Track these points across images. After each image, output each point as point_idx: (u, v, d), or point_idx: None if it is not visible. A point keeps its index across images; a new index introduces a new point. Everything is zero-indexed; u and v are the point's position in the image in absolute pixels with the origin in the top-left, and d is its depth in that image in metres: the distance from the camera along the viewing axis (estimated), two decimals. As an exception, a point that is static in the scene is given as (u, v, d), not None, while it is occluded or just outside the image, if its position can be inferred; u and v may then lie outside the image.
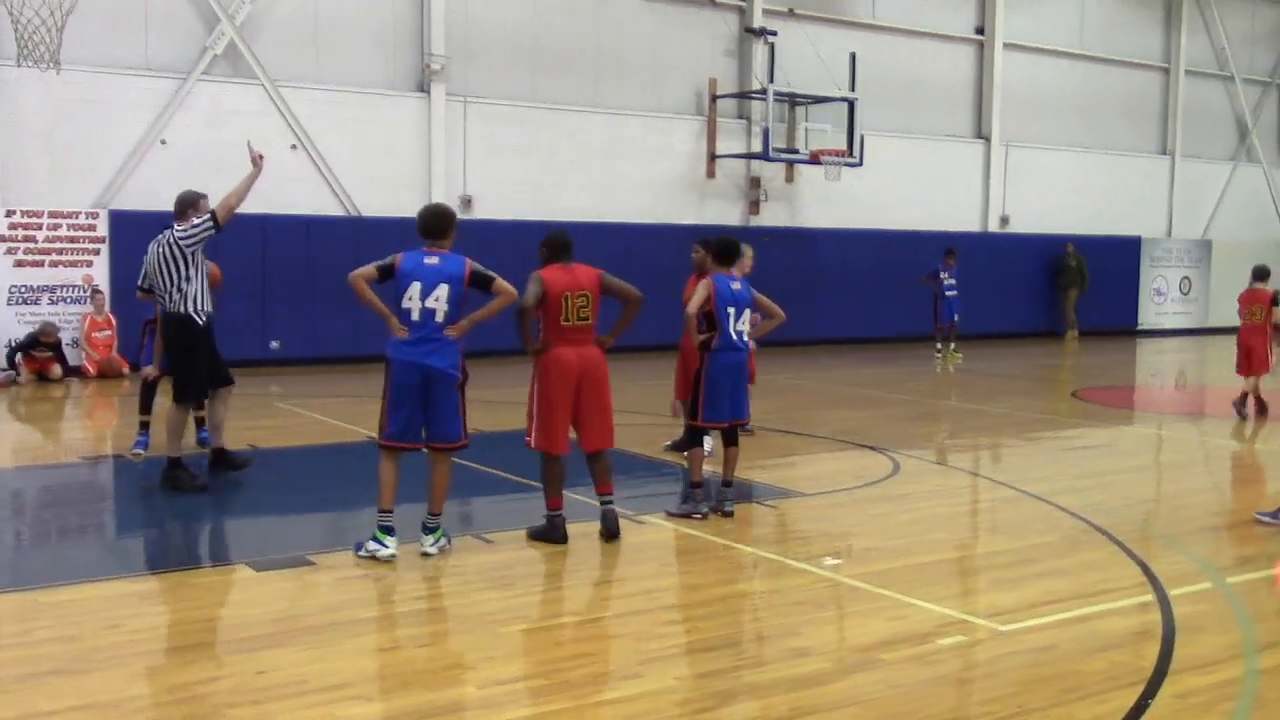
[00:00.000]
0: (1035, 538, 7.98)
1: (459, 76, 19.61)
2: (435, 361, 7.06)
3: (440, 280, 7.05)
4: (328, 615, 6.10)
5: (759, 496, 9.16)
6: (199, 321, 9.03)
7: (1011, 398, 15.99)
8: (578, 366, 7.54)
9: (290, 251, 17.94)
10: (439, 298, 7.04)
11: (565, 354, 7.51)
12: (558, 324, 7.51)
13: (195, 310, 9.00)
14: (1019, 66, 25.83)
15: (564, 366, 7.51)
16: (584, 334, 7.59)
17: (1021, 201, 26.06)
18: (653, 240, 20.22)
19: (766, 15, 22.35)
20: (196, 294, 9.00)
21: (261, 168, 8.98)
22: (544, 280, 7.50)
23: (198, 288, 9.00)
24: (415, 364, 7.03)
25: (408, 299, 7.03)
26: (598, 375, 7.65)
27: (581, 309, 7.54)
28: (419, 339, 7.03)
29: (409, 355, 7.03)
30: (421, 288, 7.02)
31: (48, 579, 6.77)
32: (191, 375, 9.18)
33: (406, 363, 7.03)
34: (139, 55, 17.33)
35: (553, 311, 7.50)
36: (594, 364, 7.62)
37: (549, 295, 7.47)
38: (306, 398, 14.69)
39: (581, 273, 7.61)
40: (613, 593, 6.88)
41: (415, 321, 7.04)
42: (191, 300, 8.98)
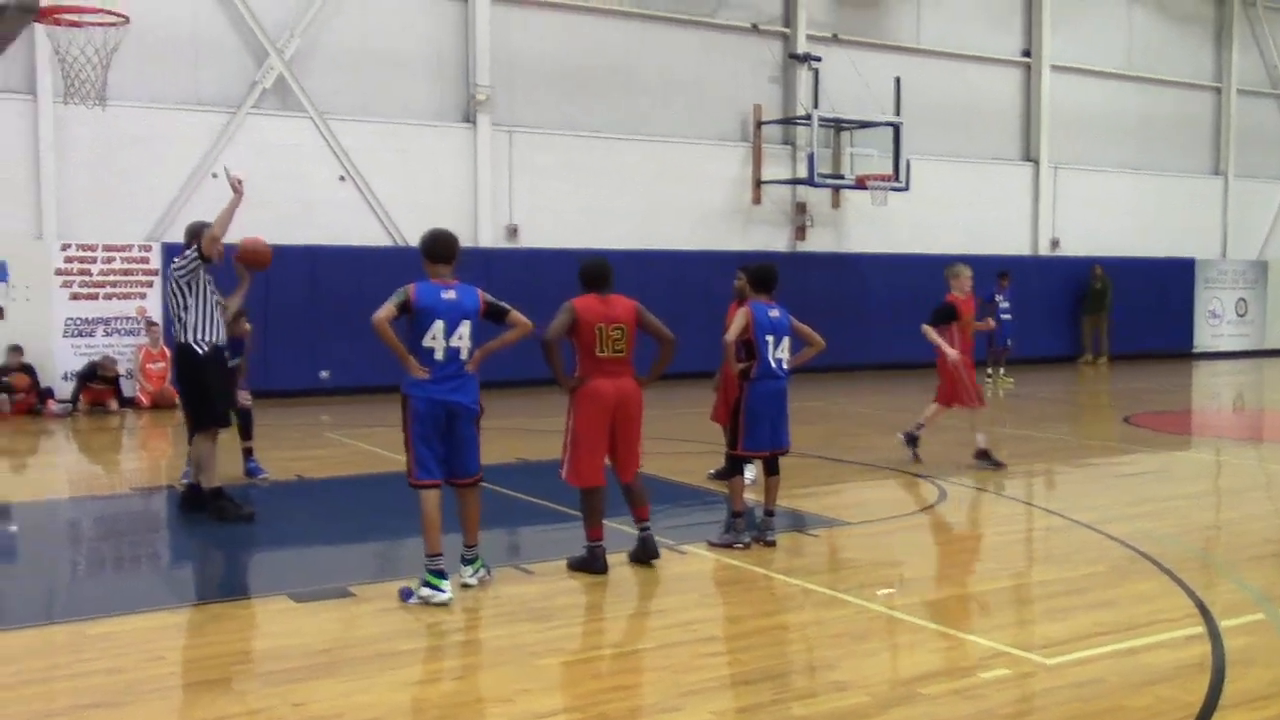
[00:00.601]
0: (1084, 567, 7.84)
1: (504, 106, 19.77)
2: (460, 398, 6.99)
3: (462, 317, 6.97)
4: (367, 647, 6.11)
5: (803, 525, 9.09)
6: (199, 351, 9.03)
7: (1061, 423, 15.80)
8: (614, 398, 7.51)
9: (338, 282, 18.11)
10: (462, 335, 6.97)
11: (601, 386, 7.49)
12: (593, 355, 7.49)
13: (195, 340, 9.02)
14: (1067, 88, 25.63)
15: (600, 399, 7.48)
16: (620, 366, 7.55)
17: (1072, 224, 25.80)
18: (698, 267, 20.23)
19: (810, 41, 22.36)
20: (196, 324, 9.01)
21: (242, 193, 9.01)
22: (575, 310, 7.47)
23: (197, 318, 9.01)
24: (440, 401, 6.93)
25: (430, 338, 6.89)
26: (633, 408, 7.62)
27: (616, 341, 7.50)
28: (443, 377, 6.93)
29: (432, 393, 6.91)
30: (445, 326, 6.90)
31: (97, 610, 6.85)
32: (200, 404, 9.21)
33: (431, 400, 6.91)
34: (190, 90, 17.64)
35: (586, 342, 7.48)
36: (630, 396, 7.58)
37: (580, 326, 7.45)
38: (354, 427, 14.79)
39: (618, 305, 7.58)
40: (652, 624, 6.83)
41: (439, 361, 6.92)
42: (191, 330, 9.02)
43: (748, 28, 22.00)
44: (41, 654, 6.10)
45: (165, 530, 9.86)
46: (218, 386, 9.22)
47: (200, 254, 8.94)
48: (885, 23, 23.59)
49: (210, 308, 9.08)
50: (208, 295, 9.08)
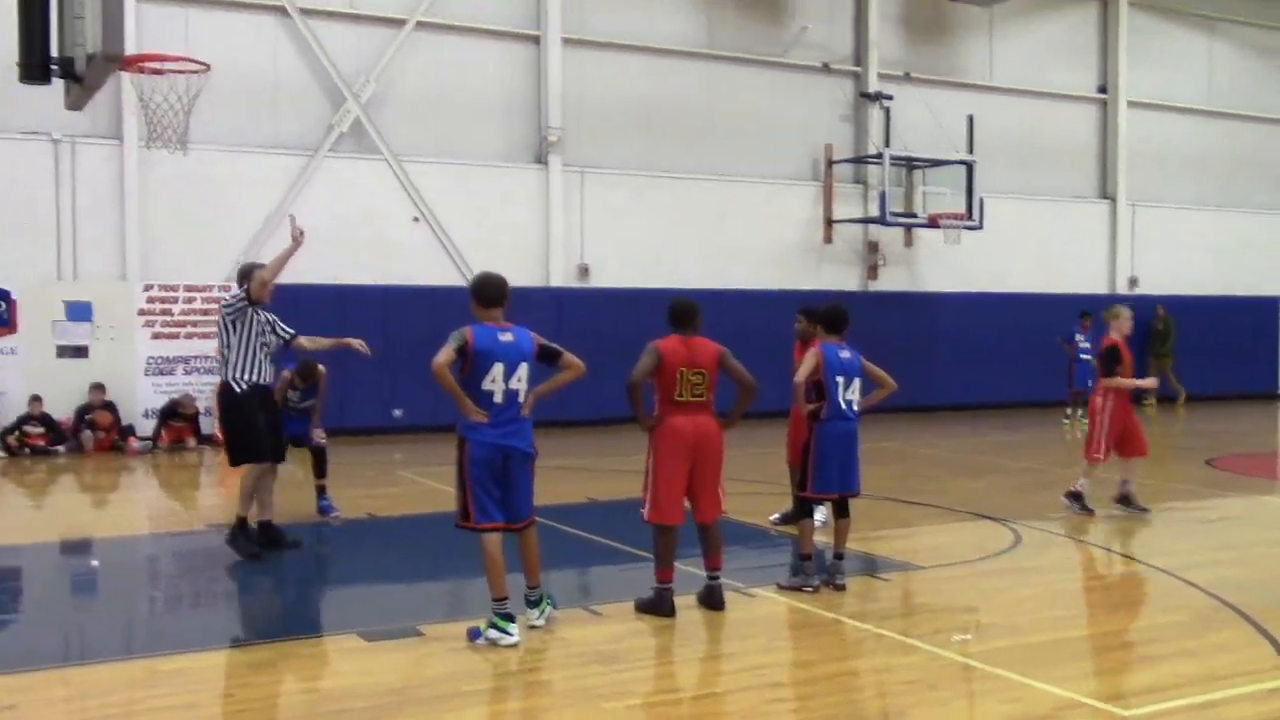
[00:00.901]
0: (1162, 616, 7.65)
1: (575, 147, 19.95)
2: (517, 442, 6.98)
3: (520, 359, 6.96)
4: (435, 688, 6.13)
5: (874, 569, 8.98)
6: (236, 390, 9.19)
7: (1140, 465, 15.43)
8: (692, 437, 7.48)
9: (412, 321, 18.31)
10: (521, 378, 6.96)
11: (680, 424, 7.47)
12: (671, 398, 7.50)
13: (234, 378, 9.19)
14: (1144, 124, 25.28)
15: (679, 437, 7.47)
16: (699, 406, 7.54)
17: (1151, 262, 25.37)
18: (769, 307, 20.15)
19: (882, 79, 22.30)
20: (237, 363, 9.18)
21: (301, 243, 9.22)
22: (660, 352, 7.47)
23: (239, 357, 9.16)
24: (499, 445, 6.91)
25: (490, 381, 6.86)
26: (712, 446, 7.58)
27: (696, 386, 7.49)
28: (502, 421, 6.92)
29: (492, 438, 6.88)
30: (504, 369, 6.88)
31: (172, 646, 6.95)
32: (236, 440, 9.37)
33: (490, 445, 6.89)
34: (269, 134, 18.04)
35: (667, 385, 7.48)
36: (709, 435, 7.55)
37: (663, 368, 7.45)
38: (427, 465, 14.91)
39: (701, 349, 7.56)
40: (720, 669, 6.77)
41: (499, 405, 6.90)
42: (232, 367, 9.20)
43: (819, 67, 22.02)
44: (119, 689, 6.20)
45: (239, 567, 9.97)
46: (255, 424, 9.30)
47: (249, 296, 9.12)
48: (957, 60, 23.48)
49: (255, 349, 9.22)
50: (253, 336, 9.23)
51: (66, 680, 6.44)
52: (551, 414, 17.49)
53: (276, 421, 9.67)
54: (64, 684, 6.36)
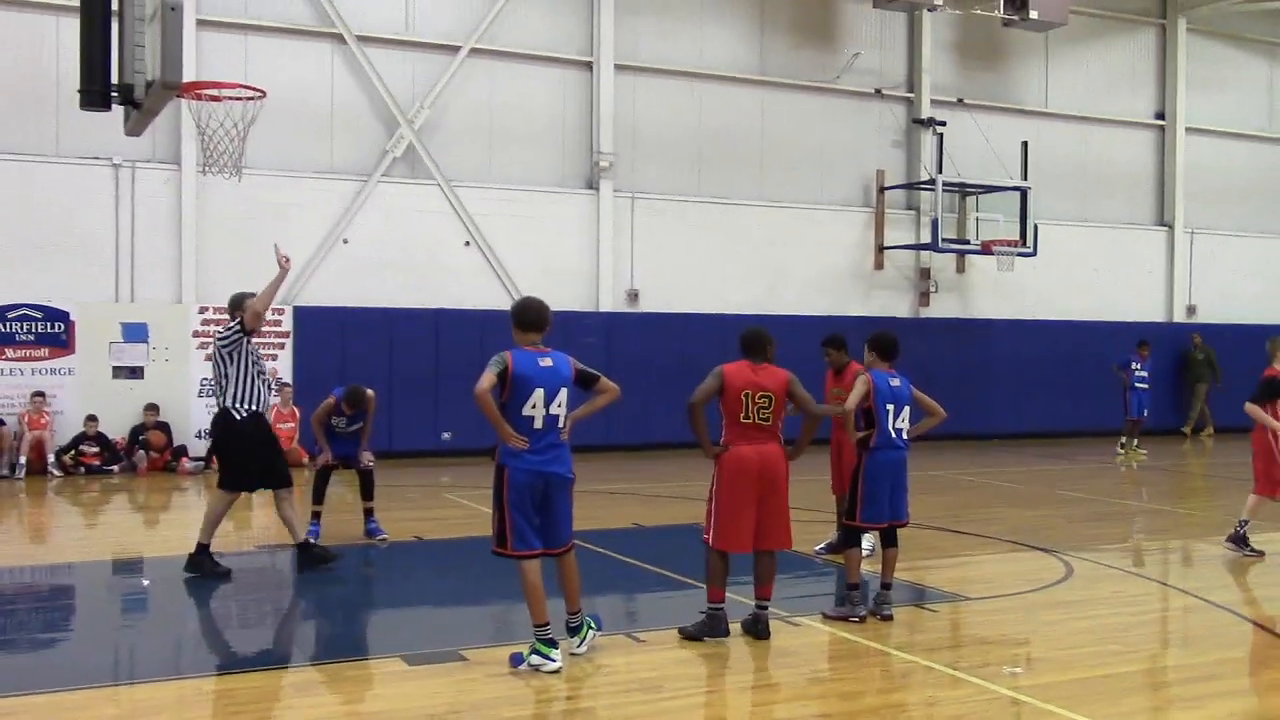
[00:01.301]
0: (1219, 652, 7.48)
1: (626, 173, 20.01)
2: (557, 468, 6.96)
3: (560, 384, 6.93)
4: (477, 714, 6.12)
5: (922, 599, 8.86)
6: (235, 417, 9.35)
7: (1198, 497, 15.20)
8: (757, 464, 7.44)
9: (462, 344, 18.39)
10: (560, 403, 6.94)
11: (745, 452, 7.44)
12: (737, 421, 7.46)
13: (234, 406, 9.35)
14: (1203, 151, 24.94)
15: (744, 464, 7.42)
16: (765, 433, 7.49)
17: (1209, 290, 24.98)
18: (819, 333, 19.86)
19: (935, 105, 22.21)
20: (236, 392, 9.33)
21: (288, 269, 9.38)
22: (724, 375, 7.46)
23: (237, 387, 9.32)
24: (540, 472, 6.89)
25: (530, 406, 6.83)
26: (777, 474, 7.52)
27: (763, 409, 7.45)
28: (542, 446, 6.89)
29: (532, 464, 6.86)
30: (544, 394, 6.85)
31: (218, 667, 7.01)
32: (229, 466, 9.58)
33: (531, 471, 6.87)
34: (324, 159, 18.26)
35: (732, 408, 7.45)
36: (774, 462, 7.50)
37: (727, 391, 7.43)
38: (474, 489, 14.94)
39: (768, 374, 7.53)
40: (765, 699, 6.70)
41: (538, 430, 6.87)
42: (230, 397, 9.35)
43: (871, 93, 21.96)
44: (166, 709, 6.25)
45: (287, 589, 10.05)
46: (250, 453, 9.44)
47: (243, 327, 9.28)
48: (1011, 86, 23.32)
49: (251, 376, 9.37)
50: (249, 364, 9.38)
51: (115, 699, 6.49)
52: (598, 438, 17.52)
53: (278, 447, 9.85)
54: (113, 703, 6.42)
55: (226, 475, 9.63)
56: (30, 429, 16.10)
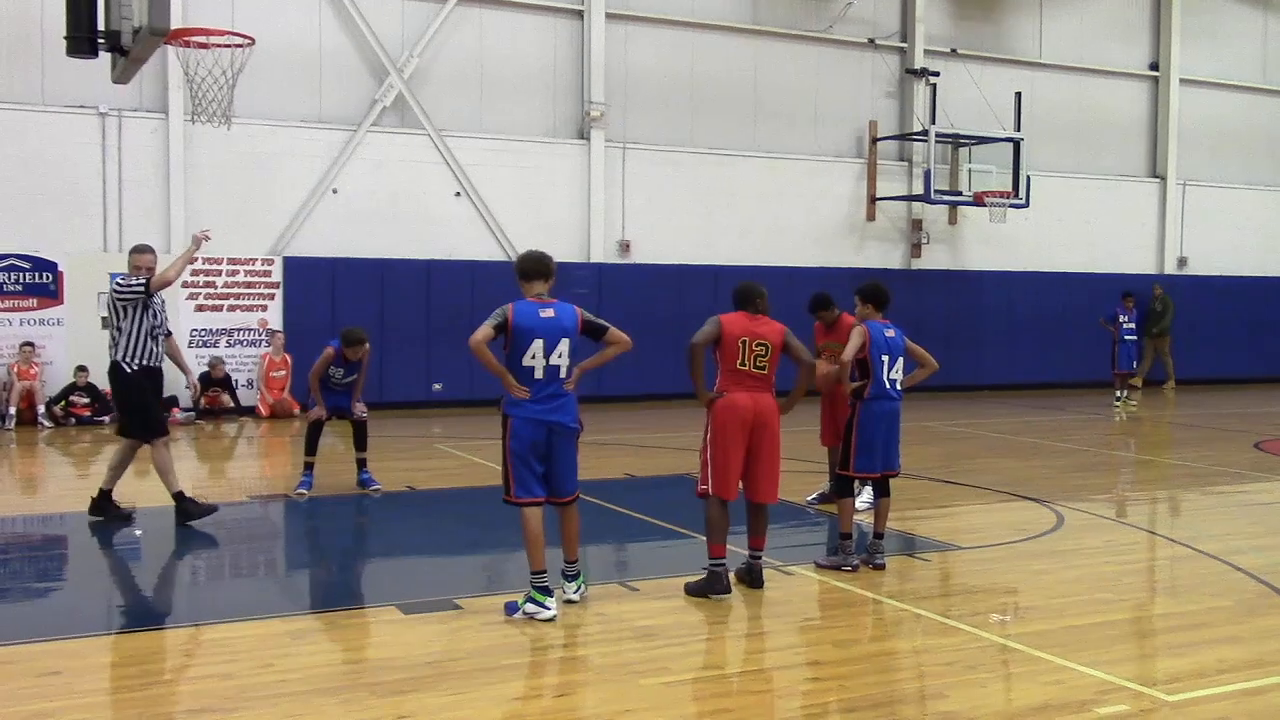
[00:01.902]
0: (1209, 600, 7.54)
1: (618, 123, 19.88)
2: (560, 417, 6.98)
3: (561, 335, 6.95)
4: (471, 661, 6.14)
5: (913, 549, 8.91)
6: (125, 370, 9.42)
7: (1188, 448, 15.27)
8: (752, 411, 7.41)
9: (453, 295, 18.39)
10: (562, 353, 6.95)
11: (740, 399, 7.41)
12: (733, 368, 7.42)
13: (124, 360, 9.41)
14: (1197, 103, 24.86)
15: (738, 411, 7.39)
16: (760, 382, 7.46)
17: (1201, 242, 25.00)
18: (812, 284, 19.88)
19: (928, 55, 22.08)
20: (127, 346, 9.39)
21: (199, 246, 9.52)
22: (721, 323, 7.43)
23: (130, 341, 9.38)
24: (542, 421, 6.93)
25: (530, 357, 6.88)
26: (770, 424, 7.49)
27: (760, 357, 7.42)
28: (544, 396, 6.93)
29: (534, 413, 6.90)
30: (544, 345, 6.88)
31: (212, 615, 7.02)
32: (131, 416, 9.68)
33: (533, 420, 6.91)
34: (313, 108, 18.10)
35: (729, 355, 7.42)
36: (768, 412, 7.47)
37: (725, 337, 7.40)
38: (466, 439, 14.97)
39: (765, 324, 7.51)
40: (757, 646, 6.75)
41: (539, 380, 6.90)
42: (121, 350, 9.41)
43: (864, 43, 21.81)
44: (160, 657, 6.28)
45: (280, 539, 10.09)
46: (144, 402, 9.56)
47: (146, 289, 9.34)
48: (1006, 36, 23.17)
49: (143, 333, 9.42)
50: (143, 322, 9.41)
51: (109, 647, 6.52)
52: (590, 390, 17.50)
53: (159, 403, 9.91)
54: (107, 651, 6.44)
55: (135, 425, 9.67)
56: (19, 379, 16.05)
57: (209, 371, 17.06)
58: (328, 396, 11.01)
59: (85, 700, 5.62)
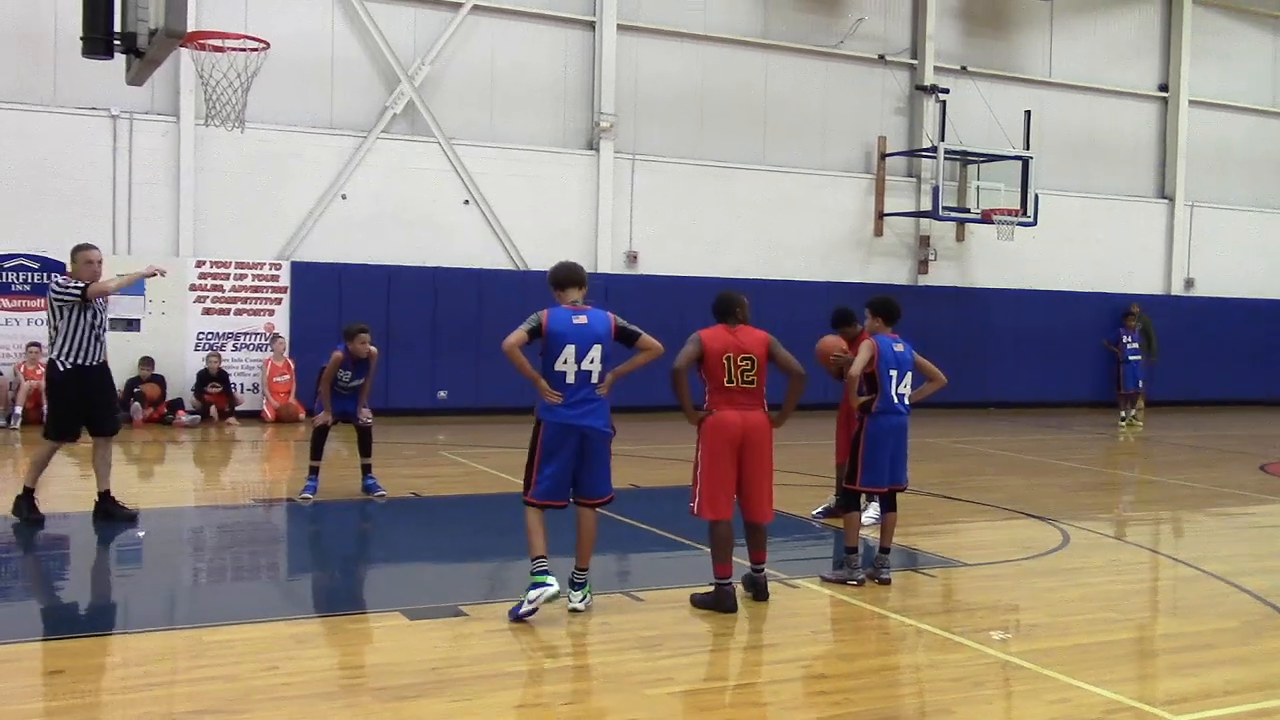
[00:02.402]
0: (1215, 621, 7.51)
1: (627, 134, 19.92)
2: (593, 422, 7.07)
3: (594, 341, 7.03)
4: (476, 667, 6.13)
5: (918, 564, 8.89)
6: (58, 369, 9.45)
7: (1194, 469, 15.23)
8: (741, 429, 7.37)
9: (460, 303, 18.41)
10: (594, 359, 7.03)
11: (729, 416, 7.37)
12: (721, 386, 7.39)
13: (59, 359, 9.43)
14: (1206, 124, 24.88)
15: (727, 429, 7.36)
16: (750, 397, 7.42)
17: (1208, 264, 24.99)
18: (818, 298, 19.99)
19: (938, 73, 22.11)
20: (63, 345, 9.41)
21: (150, 275, 9.71)
22: (702, 341, 7.40)
23: (65, 341, 9.40)
24: (573, 426, 7.01)
25: (562, 362, 6.98)
26: (761, 441, 7.44)
27: (746, 372, 7.38)
28: (575, 401, 7.01)
29: (566, 418, 7.00)
30: (576, 350, 6.98)
31: (216, 618, 7.01)
32: (53, 416, 9.65)
33: (564, 425, 7.00)
34: (324, 115, 18.14)
35: (714, 373, 7.39)
36: (758, 429, 7.42)
37: (707, 356, 7.37)
38: (470, 447, 14.96)
39: (747, 335, 7.46)
40: (762, 659, 6.73)
41: (571, 385, 7.00)
42: (57, 349, 9.44)
43: (874, 59, 21.84)
44: (164, 658, 6.26)
45: (284, 543, 10.08)
46: (71, 406, 9.53)
47: (83, 295, 9.35)
48: (1015, 55, 23.21)
49: (81, 333, 9.42)
50: (79, 324, 9.41)
51: (113, 648, 6.51)
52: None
53: (106, 399, 9.84)
54: (110, 651, 6.43)
55: (49, 426, 9.71)
56: (26, 379, 16.06)
57: (206, 367, 17.07)
58: (335, 402, 11.00)
59: (88, 700, 5.61)
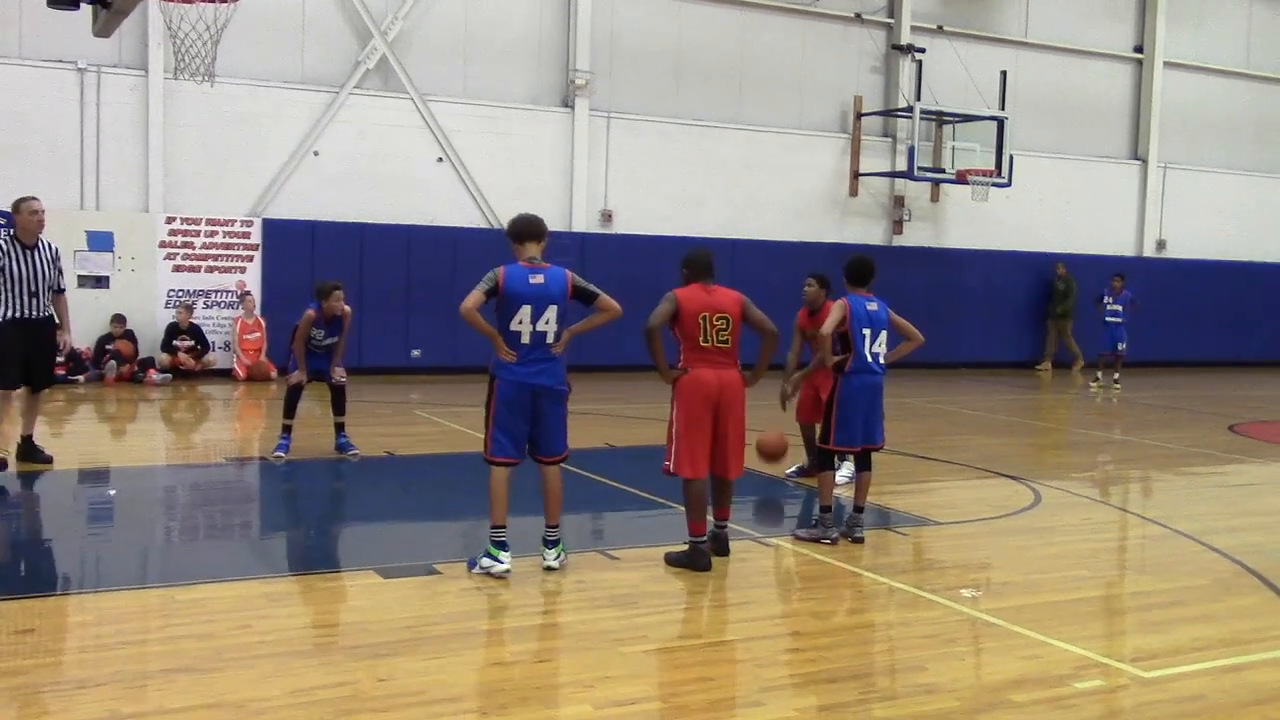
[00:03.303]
0: (1184, 579, 7.59)
1: (603, 92, 19.76)
2: (546, 380, 7.04)
3: (549, 302, 6.98)
4: (450, 625, 6.13)
5: (891, 523, 8.94)
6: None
7: (1164, 429, 15.36)
8: (716, 387, 7.39)
9: (433, 262, 18.28)
10: (549, 320, 6.99)
11: (704, 375, 7.38)
12: (696, 345, 7.40)
13: None
14: (1180, 86, 24.90)
15: (703, 387, 7.37)
16: (724, 356, 7.44)
17: (1180, 226, 25.09)
18: (793, 258, 19.97)
19: (914, 32, 22.00)
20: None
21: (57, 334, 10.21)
22: (678, 300, 7.40)
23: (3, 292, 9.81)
24: (526, 384, 6.98)
25: (517, 322, 6.93)
26: (735, 399, 7.47)
27: (721, 331, 7.40)
28: (529, 360, 6.98)
29: (520, 376, 6.97)
30: (531, 311, 6.93)
31: (189, 576, 6.98)
32: None
33: (517, 383, 6.97)
34: (295, 69, 17.90)
35: (689, 332, 7.39)
36: (733, 387, 7.44)
37: (683, 315, 7.37)
38: (444, 406, 14.92)
39: (722, 295, 7.47)
40: (736, 616, 6.75)
41: (525, 345, 6.96)
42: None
43: (851, 17, 21.72)
44: (136, 616, 6.23)
45: (256, 501, 10.03)
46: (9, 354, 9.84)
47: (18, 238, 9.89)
48: (992, 15, 23.12)
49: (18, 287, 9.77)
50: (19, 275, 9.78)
51: (84, 606, 6.47)
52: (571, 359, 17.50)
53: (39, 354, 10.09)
54: (82, 610, 6.39)
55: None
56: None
57: (176, 321, 16.92)
58: (309, 360, 10.92)
59: (59, 659, 5.58)
